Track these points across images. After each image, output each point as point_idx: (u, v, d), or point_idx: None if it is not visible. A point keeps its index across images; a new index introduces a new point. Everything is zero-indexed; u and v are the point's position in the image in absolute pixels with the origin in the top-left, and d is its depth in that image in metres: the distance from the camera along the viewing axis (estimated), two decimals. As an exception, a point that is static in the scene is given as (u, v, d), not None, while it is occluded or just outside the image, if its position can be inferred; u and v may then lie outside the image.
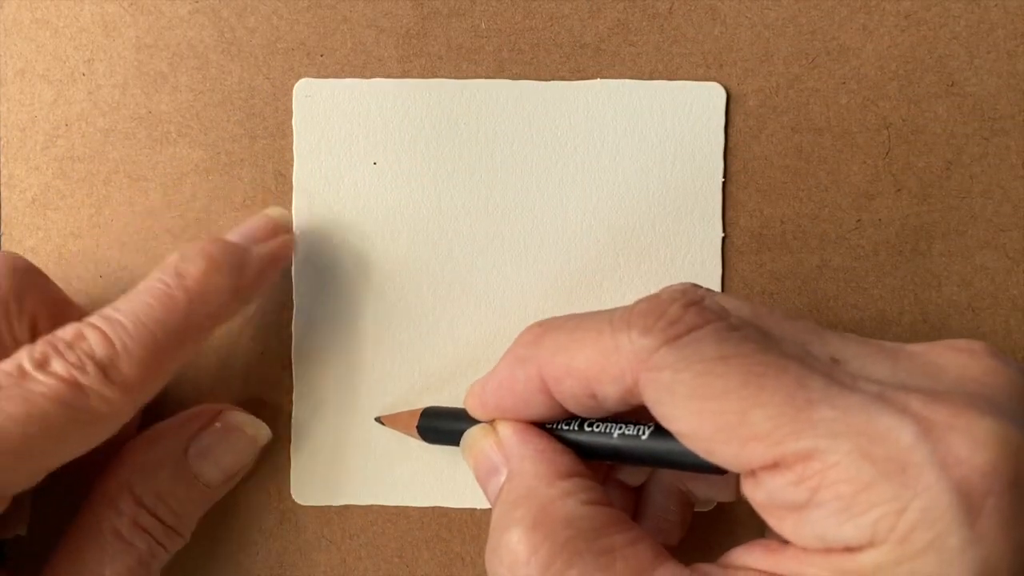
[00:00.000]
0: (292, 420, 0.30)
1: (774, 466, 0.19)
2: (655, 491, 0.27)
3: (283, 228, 0.29)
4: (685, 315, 0.21)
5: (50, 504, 0.29)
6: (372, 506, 0.30)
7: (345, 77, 0.30)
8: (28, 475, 0.23)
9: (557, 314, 0.30)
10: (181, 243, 0.30)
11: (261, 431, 0.29)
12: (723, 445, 0.20)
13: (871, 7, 0.30)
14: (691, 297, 0.22)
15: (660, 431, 0.23)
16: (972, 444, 0.18)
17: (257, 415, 0.30)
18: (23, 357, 0.23)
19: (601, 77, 0.30)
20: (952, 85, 0.30)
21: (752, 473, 0.20)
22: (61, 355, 0.23)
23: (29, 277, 0.26)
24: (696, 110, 0.30)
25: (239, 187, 0.30)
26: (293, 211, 0.30)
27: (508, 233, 0.30)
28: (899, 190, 0.30)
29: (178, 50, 0.30)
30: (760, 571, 0.20)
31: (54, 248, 0.30)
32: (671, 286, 0.23)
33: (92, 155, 0.30)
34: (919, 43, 0.30)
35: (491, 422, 0.25)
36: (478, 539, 0.30)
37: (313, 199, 0.30)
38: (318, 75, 0.30)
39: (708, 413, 0.20)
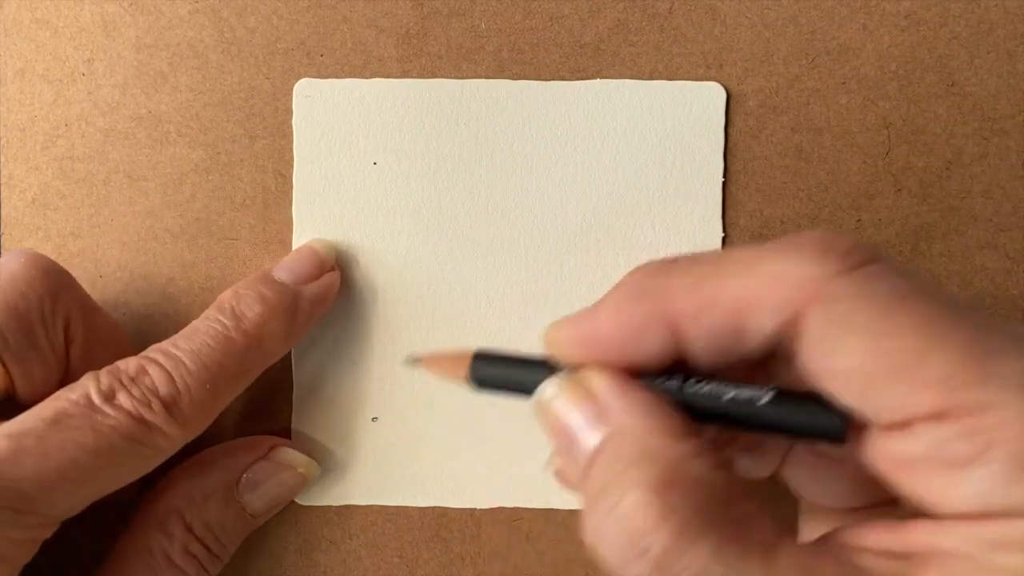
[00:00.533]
0: (292, 420, 0.30)
1: (940, 416, 0.17)
2: None
3: (328, 265, 0.29)
4: (856, 249, 0.19)
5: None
6: (372, 506, 0.30)
7: (345, 77, 0.30)
8: (83, 502, 0.24)
9: (558, 314, 0.30)
10: (181, 243, 0.30)
11: (312, 470, 0.29)
12: (888, 387, 0.18)
13: (871, 7, 0.30)
14: (852, 237, 0.20)
15: (781, 395, 0.21)
16: None
17: (256, 415, 0.30)
18: (90, 387, 0.24)
19: (601, 77, 0.30)
20: (952, 85, 0.30)
21: (905, 424, 0.18)
22: (126, 389, 0.24)
23: (59, 278, 0.26)
24: (696, 110, 0.30)
25: (239, 187, 0.30)
26: (293, 211, 0.30)
27: (508, 233, 0.30)
28: (899, 190, 0.30)
29: (178, 50, 0.30)
30: (885, 551, 0.19)
31: (54, 248, 0.30)
32: (810, 231, 0.21)
33: (92, 155, 0.30)
34: (919, 43, 0.30)
35: (574, 373, 0.22)
36: (478, 539, 0.30)
37: (313, 199, 0.30)
38: (318, 75, 0.30)
39: (882, 351, 0.18)
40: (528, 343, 0.30)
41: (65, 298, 0.26)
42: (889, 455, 0.19)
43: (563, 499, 0.30)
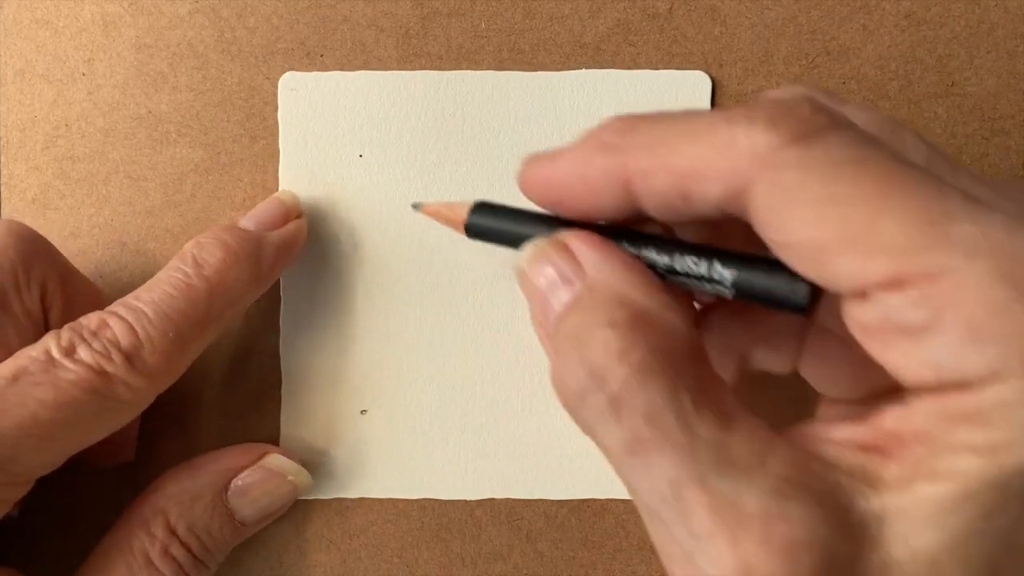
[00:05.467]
0: (281, 416, 0.30)
1: (895, 283, 0.17)
2: (710, 350, 0.23)
3: (294, 212, 0.29)
4: (815, 116, 0.18)
5: (42, 489, 0.29)
6: (372, 506, 0.30)
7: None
8: (53, 459, 0.24)
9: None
10: (181, 243, 0.30)
11: (303, 479, 0.29)
12: (840, 257, 0.17)
13: (871, 7, 0.30)
14: (818, 103, 0.19)
15: (740, 260, 0.20)
16: None
17: (244, 413, 0.30)
18: (50, 343, 0.24)
19: (601, 77, 0.30)
20: (952, 85, 0.30)
21: (863, 293, 0.17)
22: (87, 343, 0.24)
23: (35, 245, 0.26)
24: (682, 99, 0.30)
25: (239, 187, 0.30)
26: (292, 210, 0.30)
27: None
28: (899, 190, 0.30)
29: (178, 50, 0.30)
30: (853, 442, 0.18)
31: (54, 248, 0.30)
32: (790, 88, 0.20)
33: (92, 155, 0.30)
34: (919, 43, 0.30)
35: (557, 239, 0.22)
36: (478, 539, 0.30)
37: (299, 192, 0.30)
38: (318, 75, 0.30)
39: (831, 220, 0.17)
40: (519, 329, 0.30)
41: (41, 265, 0.26)
42: (857, 325, 0.18)
43: (562, 490, 0.30)
